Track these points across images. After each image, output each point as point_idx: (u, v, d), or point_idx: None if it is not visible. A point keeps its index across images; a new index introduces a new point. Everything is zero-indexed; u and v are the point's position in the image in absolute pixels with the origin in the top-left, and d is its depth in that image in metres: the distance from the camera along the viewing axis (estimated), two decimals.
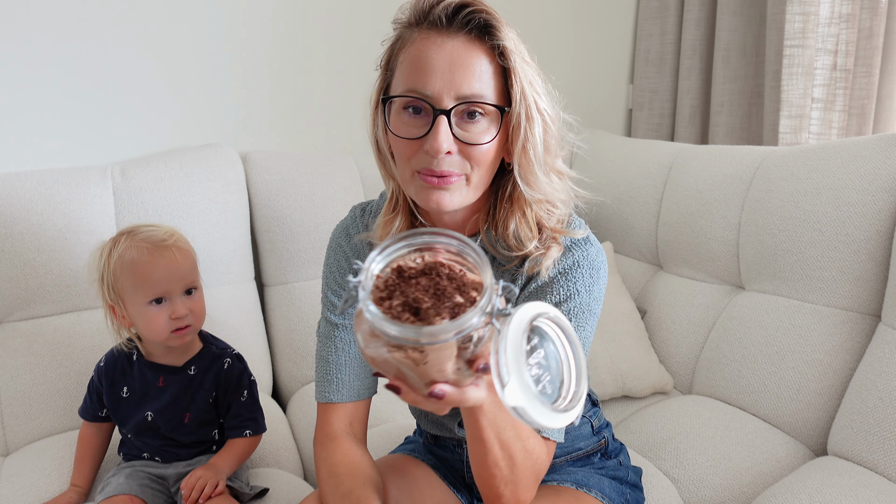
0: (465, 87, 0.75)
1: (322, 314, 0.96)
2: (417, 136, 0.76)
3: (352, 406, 0.94)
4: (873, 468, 1.11)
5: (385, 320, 0.52)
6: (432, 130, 0.75)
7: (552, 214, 0.84)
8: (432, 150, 0.75)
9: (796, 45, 1.66)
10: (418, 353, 0.54)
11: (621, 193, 1.77)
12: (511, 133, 0.78)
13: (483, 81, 0.76)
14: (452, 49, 0.75)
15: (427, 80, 0.75)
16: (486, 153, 0.78)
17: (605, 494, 0.97)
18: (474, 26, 0.76)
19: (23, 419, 1.31)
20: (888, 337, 1.17)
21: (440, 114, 0.75)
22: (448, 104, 0.75)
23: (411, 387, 0.58)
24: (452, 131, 0.76)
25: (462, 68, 0.75)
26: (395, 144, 0.80)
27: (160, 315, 1.09)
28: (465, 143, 0.76)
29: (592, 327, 0.86)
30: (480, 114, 0.77)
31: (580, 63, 2.16)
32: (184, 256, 1.11)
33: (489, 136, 0.77)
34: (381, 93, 0.83)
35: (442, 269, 0.56)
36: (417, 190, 0.79)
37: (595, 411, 1.05)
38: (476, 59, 0.76)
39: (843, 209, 1.25)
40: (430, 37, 0.76)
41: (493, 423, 0.71)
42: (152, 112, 1.61)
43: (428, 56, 0.75)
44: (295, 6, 1.71)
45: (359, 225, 0.95)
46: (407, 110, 0.77)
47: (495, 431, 0.72)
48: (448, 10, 0.76)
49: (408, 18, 0.80)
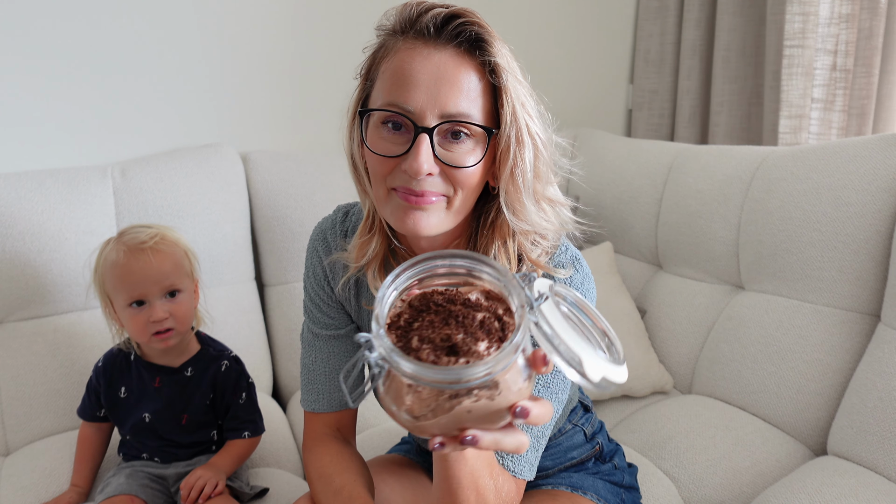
0: (450, 104, 0.69)
1: (305, 321, 0.94)
2: (395, 154, 0.71)
3: (337, 414, 0.92)
4: (873, 468, 1.11)
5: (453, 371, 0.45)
6: (412, 149, 0.69)
7: (538, 245, 0.78)
8: (411, 171, 0.69)
9: (796, 46, 1.66)
10: (488, 388, 0.48)
11: (621, 193, 1.77)
12: (499, 157, 0.72)
13: (470, 100, 0.70)
14: (439, 62, 0.69)
15: (409, 95, 0.69)
16: (470, 176, 0.72)
17: (600, 496, 0.96)
18: (464, 39, 0.70)
19: (23, 419, 1.31)
20: (888, 337, 1.17)
21: (422, 132, 0.69)
22: (431, 122, 0.69)
23: (486, 427, 0.51)
24: (434, 151, 0.70)
25: (448, 84, 0.69)
26: (370, 161, 0.74)
27: (140, 317, 1.09)
28: (447, 164, 0.70)
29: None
30: (466, 134, 0.71)
31: (580, 63, 2.16)
32: (162, 259, 1.09)
33: (474, 158, 0.71)
34: (358, 104, 0.77)
35: (435, 297, 0.51)
36: (393, 209, 0.73)
37: (588, 417, 1.03)
38: (464, 74, 0.70)
39: (843, 209, 1.25)
40: (416, 47, 0.70)
41: (472, 466, 0.66)
42: (152, 112, 1.61)
43: (412, 68, 0.69)
44: (295, 6, 1.71)
45: (337, 231, 0.89)
46: (386, 125, 0.71)
47: (472, 476, 0.67)
48: (437, 20, 0.70)
49: (392, 26, 0.74)
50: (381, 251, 0.82)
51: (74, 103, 1.52)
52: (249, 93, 1.71)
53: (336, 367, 0.91)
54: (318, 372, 0.91)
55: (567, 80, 2.15)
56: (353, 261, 0.82)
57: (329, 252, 0.89)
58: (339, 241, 0.89)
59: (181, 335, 1.13)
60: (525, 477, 0.78)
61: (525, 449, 0.54)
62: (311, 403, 0.92)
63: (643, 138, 2.09)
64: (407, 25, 0.72)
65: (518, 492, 0.77)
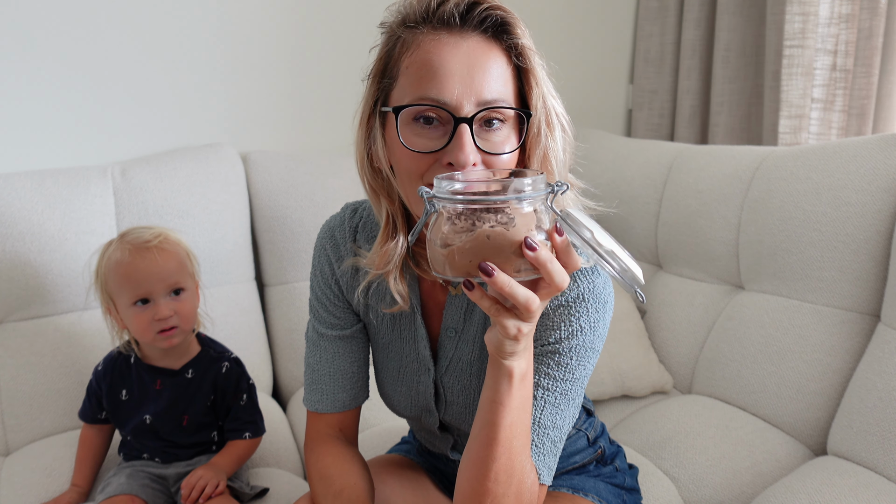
0: (486, 91, 0.68)
1: (310, 319, 0.93)
2: (434, 150, 0.69)
3: (340, 414, 0.92)
4: (873, 468, 1.11)
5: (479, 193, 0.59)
6: (454, 141, 0.68)
7: None
8: (458, 164, 0.67)
9: (796, 46, 1.66)
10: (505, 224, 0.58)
11: (621, 193, 1.77)
12: (530, 141, 0.72)
13: (503, 84, 0.70)
14: (469, 50, 0.68)
15: (443, 86, 0.68)
16: (508, 163, 0.71)
17: (602, 497, 0.96)
18: (490, 24, 0.69)
19: (23, 419, 1.31)
20: (888, 337, 1.17)
21: (461, 122, 0.67)
22: (469, 111, 0.68)
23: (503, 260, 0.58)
24: (475, 141, 0.69)
25: (482, 71, 0.68)
26: (405, 160, 0.71)
27: (144, 316, 1.09)
28: (488, 153, 0.70)
29: (593, 365, 0.80)
30: (500, 121, 0.70)
31: (580, 63, 2.16)
32: (167, 258, 1.10)
33: (511, 144, 0.71)
34: (375, 105, 0.75)
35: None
36: None
37: (591, 421, 1.02)
38: (494, 60, 0.69)
39: (843, 209, 1.25)
40: (441, 37, 0.69)
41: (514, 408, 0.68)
42: (152, 112, 1.61)
43: (442, 59, 0.68)
44: (295, 6, 1.71)
45: (346, 229, 0.88)
46: (417, 121, 0.70)
47: (510, 431, 0.69)
48: (461, 7, 0.69)
49: (405, 18, 0.72)
50: (406, 253, 0.81)
51: (74, 103, 1.52)
52: (249, 93, 1.71)
53: (341, 367, 0.90)
54: (323, 372, 0.91)
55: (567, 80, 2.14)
56: (375, 267, 0.80)
57: (337, 250, 0.88)
58: (348, 239, 0.88)
59: (185, 334, 1.13)
60: (544, 480, 0.77)
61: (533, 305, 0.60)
62: (315, 403, 0.91)
63: (643, 138, 2.09)
64: (428, 15, 0.70)
65: (541, 496, 0.77)
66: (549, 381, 0.77)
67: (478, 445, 0.71)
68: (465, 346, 0.85)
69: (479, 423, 0.71)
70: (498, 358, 0.67)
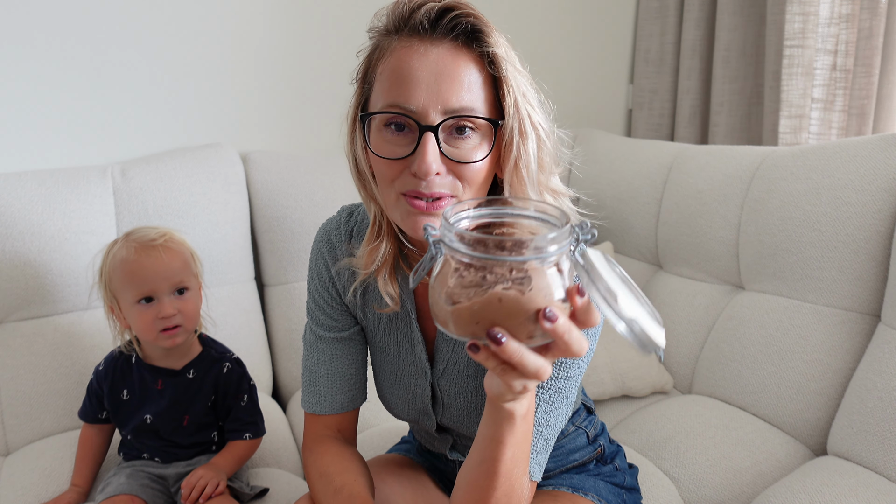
0: (452, 99, 0.68)
1: (307, 322, 0.93)
2: (401, 157, 0.69)
3: (338, 416, 0.92)
4: (873, 468, 1.11)
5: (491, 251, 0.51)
6: (418, 149, 0.68)
7: None
8: (420, 172, 0.68)
9: (796, 46, 1.66)
10: (520, 283, 0.51)
11: (621, 193, 1.77)
12: (503, 149, 0.71)
13: (472, 93, 0.69)
14: (437, 58, 0.68)
15: (410, 94, 0.68)
16: (478, 172, 0.71)
17: (601, 497, 0.96)
18: (461, 32, 0.69)
19: (23, 419, 1.31)
20: (888, 337, 1.17)
21: (426, 130, 0.68)
22: (435, 119, 0.68)
23: (515, 325, 0.52)
24: (441, 149, 0.68)
25: (449, 79, 0.68)
26: (376, 165, 0.72)
27: (148, 314, 1.09)
28: (454, 161, 0.69)
29: (587, 363, 0.79)
30: (471, 128, 0.70)
31: (580, 63, 2.16)
32: (172, 256, 1.11)
33: (482, 152, 0.70)
34: (358, 108, 0.76)
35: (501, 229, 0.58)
36: (403, 216, 0.71)
37: (591, 420, 1.02)
38: (464, 68, 0.69)
39: (843, 209, 1.25)
40: (412, 45, 0.69)
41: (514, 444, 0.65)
42: (152, 112, 1.61)
43: (410, 66, 0.68)
44: (295, 7, 1.71)
45: (342, 232, 0.88)
46: (388, 127, 0.70)
47: (512, 461, 0.67)
48: (431, 15, 0.69)
49: (385, 25, 0.73)
50: (391, 255, 0.81)
51: (75, 103, 1.52)
52: (249, 93, 1.71)
53: (339, 369, 0.90)
54: (321, 374, 0.91)
55: (567, 79, 2.15)
56: (362, 267, 0.81)
57: (334, 253, 0.88)
58: (343, 242, 0.88)
59: (188, 333, 1.14)
60: (534, 478, 0.78)
61: (546, 376, 0.55)
62: (313, 405, 0.91)
63: (643, 138, 2.09)
64: (400, 23, 0.71)
65: (531, 493, 0.78)
66: None
67: (477, 475, 0.69)
68: (461, 350, 0.85)
69: (478, 457, 0.69)
70: (498, 403, 0.63)
